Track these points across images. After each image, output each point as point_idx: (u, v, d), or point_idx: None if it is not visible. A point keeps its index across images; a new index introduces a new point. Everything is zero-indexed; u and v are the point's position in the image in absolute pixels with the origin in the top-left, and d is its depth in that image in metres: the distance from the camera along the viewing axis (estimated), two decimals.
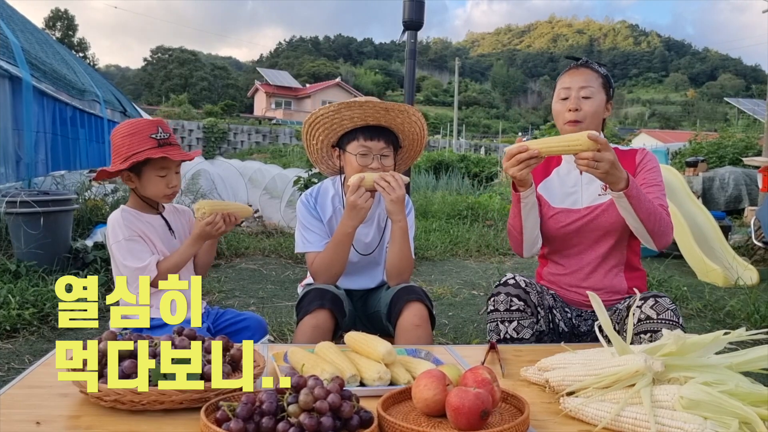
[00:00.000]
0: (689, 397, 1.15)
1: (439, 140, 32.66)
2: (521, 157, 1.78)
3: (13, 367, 2.95)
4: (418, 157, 2.43)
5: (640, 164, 2.08)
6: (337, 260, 2.11)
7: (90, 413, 1.23)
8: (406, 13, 4.52)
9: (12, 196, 4.33)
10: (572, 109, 2.00)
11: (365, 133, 2.10)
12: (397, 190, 2.01)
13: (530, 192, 1.96)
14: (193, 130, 26.22)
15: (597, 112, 2.01)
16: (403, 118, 2.13)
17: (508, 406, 1.29)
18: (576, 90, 2.01)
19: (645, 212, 1.84)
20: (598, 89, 2.02)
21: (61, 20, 50.57)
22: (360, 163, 2.11)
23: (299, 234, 2.22)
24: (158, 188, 2.00)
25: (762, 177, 7.56)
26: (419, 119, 2.17)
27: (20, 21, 7.85)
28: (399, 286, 2.13)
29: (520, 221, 2.01)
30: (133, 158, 1.91)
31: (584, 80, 2.02)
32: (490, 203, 9.55)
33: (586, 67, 2.07)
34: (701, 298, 4.75)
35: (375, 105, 2.07)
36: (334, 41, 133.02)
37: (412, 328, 1.98)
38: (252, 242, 6.58)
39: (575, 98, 2.01)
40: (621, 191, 1.78)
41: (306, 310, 1.99)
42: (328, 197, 2.27)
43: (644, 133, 39.20)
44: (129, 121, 2.04)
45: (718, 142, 14.15)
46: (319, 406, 1.08)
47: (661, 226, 1.89)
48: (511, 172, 1.82)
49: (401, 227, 2.09)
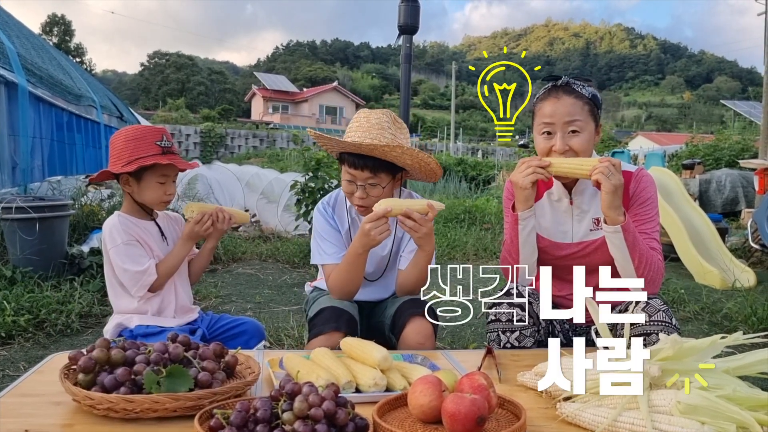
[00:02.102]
0: (686, 401, 1.14)
1: (437, 144, 32.67)
2: (531, 162, 1.74)
3: (8, 374, 2.93)
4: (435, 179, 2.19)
5: (633, 196, 1.91)
6: (351, 280, 2.02)
7: (83, 422, 1.22)
8: (401, 18, 4.52)
9: (8, 201, 4.32)
10: (559, 151, 1.81)
11: (349, 160, 1.98)
12: (423, 228, 1.86)
13: (529, 214, 1.84)
14: (191, 134, 26.21)
15: (587, 148, 1.83)
16: (380, 152, 1.94)
17: (504, 412, 1.29)
18: (561, 126, 1.81)
19: (638, 253, 1.75)
20: (586, 120, 1.82)
21: (58, 25, 50.55)
22: (346, 190, 2.04)
23: (315, 244, 2.12)
24: (156, 195, 2.01)
25: (758, 179, 7.58)
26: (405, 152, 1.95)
27: (16, 26, 7.83)
28: (405, 298, 2.08)
29: (517, 247, 1.88)
30: (140, 162, 1.92)
31: (568, 113, 1.81)
32: (487, 207, 9.55)
33: (569, 94, 1.83)
34: (698, 300, 4.75)
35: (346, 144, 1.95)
36: (331, 45, 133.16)
37: (415, 346, 1.92)
38: (249, 247, 6.56)
39: (561, 138, 1.81)
40: (618, 225, 1.71)
41: (320, 330, 1.94)
42: (345, 206, 2.17)
43: (641, 136, 39.30)
44: (133, 125, 2.05)
45: (715, 144, 14.21)
46: (314, 413, 1.07)
47: (651, 271, 1.78)
48: (517, 178, 1.76)
49: (428, 253, 1.96)
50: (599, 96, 1.90)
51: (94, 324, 3.79)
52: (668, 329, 1.70)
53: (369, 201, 1.98)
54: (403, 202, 1.87)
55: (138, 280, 1.96)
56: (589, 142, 1.84)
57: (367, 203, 1.99)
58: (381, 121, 2.00)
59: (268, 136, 29.06)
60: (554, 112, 1.82)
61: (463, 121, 61.72)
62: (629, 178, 1.93)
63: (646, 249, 1.78)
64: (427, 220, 1.86)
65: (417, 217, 1.84)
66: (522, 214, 1.83)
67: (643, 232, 1.86)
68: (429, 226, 1.88)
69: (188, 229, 2.03)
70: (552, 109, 1.83)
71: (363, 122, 2.00)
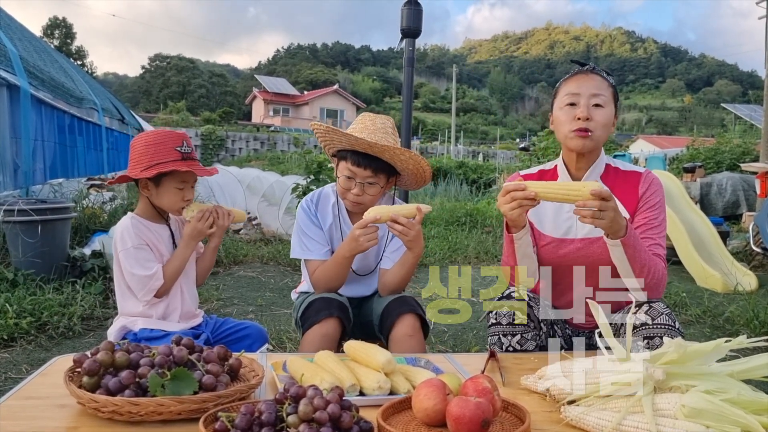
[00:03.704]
0: (691, 405, 1.14)
1: (437, 147, 32.69)
2: (516, 195, 1.65)
3: (10, 377, 2.93)
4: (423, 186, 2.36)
5: (642, 198, 1.90)
6: (336, 278, 2.13)
7: (87, 424, 1.21)
8: (404, 21, 4.52)
9: (9, 204, 4.32)
10: (582, 117, 1.81)
11: (353, 158, 2.07)
12: (411, 232, 1.94)
13: (524, 233, 1.81)
14: (192, 137, 26.07)
15: (607, 125, 1.84)
16: (390, 155, 2.06)
17: (508, 416, 1.29)
18: (586, 97, 1.82)
19: (639, 263, 1.73)
20: (609, 99, 1.85)
21: (59, 28, 50.66)
22: (343, 186, 2.11)
23: (297, 239, 2.20)
24: (174, 200, 2.01)
25: (760, 182, 7.57)
26: (411, 158, 2.08)
27: (18, 29, 7.85)
28: (391, 297, 2.12)
29: (515, 261, 1.87)
30: (159, 167, 1.92)
31: (595, 87, 1.83)
32: (488, 210, 9.56)
33: (597, 74, 1.88)
34: (700, 304, 4.75)
35: (357, 141, 2.03)
36: (332, 48, 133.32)
37: (405, 339, 1.98)
38: (250, 249, 6.57)
39: (585, 105, 1.82)
40: (618, 239, 1.68)
41: (314, 320, 1.98)
42: (329, 204, 2.25)
43: (642, 139, 39.32)
44: (153, 130, 2.06)
45: (716, 147, 14.20)
46: (318, 416, 1.07)
47: (654, 279, 1.77)
48: (504, 209, 1.70)
49: (417, 255, 2.06)
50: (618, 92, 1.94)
51: (96, 327, 3.79)
52: (672, 332, 1.70)
53: (364, 198, 2.10)
54: (390, 209, 1.96)
55: (145, 284, 1.97)
56: (609, 121, 1.85)
57: (362, 200, 2.10)
58: (386, 126, 2.12)
59: (268, 139, 29.07)
60: (581, 85, 1.85)
61: (463, 124, 61.79)
62: (637, 179, 1.93)
63: (648, 257, 1.76)
64: (414, 223, 1.94)
65: (405, 222, 1.92)
66: (516, 235, 1.82)
67: (649, 237, 1.85)
68: (417, 229, 1.96)
69: (191, 228, 2.03)
70: (579, 83, 1.85)
71: (369, 124, 2.09)
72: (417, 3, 4.48)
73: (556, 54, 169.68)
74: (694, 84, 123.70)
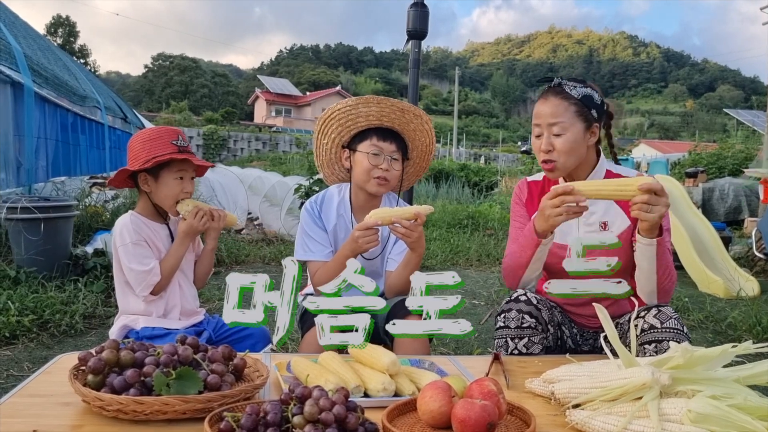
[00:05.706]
0: (697, 410, 1.14)
1: (439, 149, 32.70)
2: (567, 199, 1.65)
3: (12, 374, 2.92)
4: (423, 173, 2.44)
5: None
6: None
7: (92, 423, 1.21)
8: (410, 23, 4.51)
9: (12, 202, 4.32)
10: (543, 150, 1.85)
11: (378, 134, 2.14)
12: (414, 234, 1.96)
13: (551, 239, 1.82)
14: (193, 137, 26.24)
15: (573, 148, 1.83)
16: (416, 123, 2.18)
17: (513, 419, 1.28)
18: (545, 127, 1.85)
19: (664, 265, 1.74)
20: (571, 120, 1.82)
21: (63, 26, 50.70)
22: (372, 162, 2.12)
23: (300, 240, 2.21)
24: (174, 191, 2.03)
25: (764, 188, 7.56)
26: (430, 128, 2.22)
27: (22, 27, 7.87)
28: (397, 298, 2.11)
29: (528, 262, 1.86)
30: (156, 159, 1.95)
31: (552, 114, 1.83)
32: (490, 212, 9.55)
33: (557, 95, 1.85)
34: (702, 309, 4.74)
35: (393, 104, 2.14)
36: (335, 50, 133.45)
37: (409, 341, 1.97)
38: (252, 250, 6.57)
39: (546, 137, 1.84)
40: (654, 238, 1.68)
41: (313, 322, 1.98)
42: (333, 205, 2.26)
43: (644, 144, 39.31)
44: (148, 128, 2.09)
45: (718, 153, 14.17)
46: (324, 417, 1.07)
47: (671, 281, 1.79)
48: (549, 213, 1.69)
49: (419, 255, 2.08)
50: (595, 96, 1.87)
51: (98, 325, 3.79)
52: (679, 337, 1.69)
53: (391, 174, 2.15)
54: (392, 212, 1.96)
55: (143, 279, 1.99)
56: (575, 143, 1.83)
57: (389, 176, 2.14)
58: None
59: (270, 140, 29.09)
60: (540, 113, 1.87)
61: (465, 126, 61.77)
62: None
63: (670, 261, 1.78)
64: (416, 225, 1.95)
65: (406, 224, 1.93)
66: (545, 240, 1.80)
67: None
68: (419, 231, 1.98)
69: (186, 225, 2.05)
70: (539, 110, 1.88)
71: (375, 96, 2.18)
72: (423, 5, 4.47)
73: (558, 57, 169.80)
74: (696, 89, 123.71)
